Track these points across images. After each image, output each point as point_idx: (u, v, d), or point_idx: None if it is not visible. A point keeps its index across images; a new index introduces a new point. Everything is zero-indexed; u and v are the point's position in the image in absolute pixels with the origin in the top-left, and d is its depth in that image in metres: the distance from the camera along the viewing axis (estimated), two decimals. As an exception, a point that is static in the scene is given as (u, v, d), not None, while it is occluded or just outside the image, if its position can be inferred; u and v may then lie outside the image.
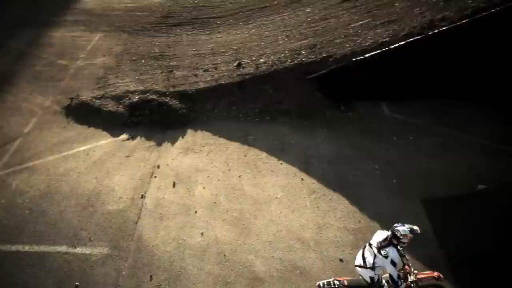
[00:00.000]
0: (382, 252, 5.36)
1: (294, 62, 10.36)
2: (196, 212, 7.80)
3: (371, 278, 5.58)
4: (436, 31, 9.34)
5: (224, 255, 7.01)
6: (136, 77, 11.48)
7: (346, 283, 5.82)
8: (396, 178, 8.29)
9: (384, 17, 10.69)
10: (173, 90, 10.65)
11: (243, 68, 10.86)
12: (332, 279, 5.90)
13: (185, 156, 9.13)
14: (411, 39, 9.39)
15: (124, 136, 9.80)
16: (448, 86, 9.79)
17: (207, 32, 13.63)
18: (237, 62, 11.10)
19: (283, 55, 10.78)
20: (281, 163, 8.72)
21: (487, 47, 9.20)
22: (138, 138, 9.73)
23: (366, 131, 9.39)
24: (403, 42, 9.40)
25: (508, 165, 8.34)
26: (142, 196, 8.15)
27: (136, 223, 7.65)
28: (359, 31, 10.56)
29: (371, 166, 8.57)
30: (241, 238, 7.29)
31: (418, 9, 10.35)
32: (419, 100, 9.96)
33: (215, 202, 7.96)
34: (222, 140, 9.46)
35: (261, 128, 9.68)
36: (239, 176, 8.50)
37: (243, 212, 7.75)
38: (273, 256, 6.96)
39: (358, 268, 5.75)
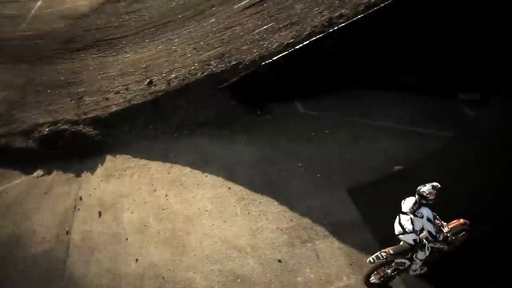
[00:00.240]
0: (418, 214, 5.87)
1: (205, 73, 10.40)
2: (127, 239, 7.56)
3: (414, 240, 5.98)
4: (335, 27, 9.85)
5: (163, 277, 6.86)
6: (44, 109, 10.90)
7: (392, 252, 6.13)
8: (320, 172, 8.57)
9: (287, 19, 11.05)
10: (85, 117, 10.25)
11: (155, 85, 10.72)
12: (378, 252, 6.15)
13: (108, 183, 8.82)
14: (314, 38, 9.81)
15: (39, 172, 9.27)
16: (353, 77, 10.36)
17: (114, 53, 13.27)
18: (148, 80, 10.93)
19: (193, 67, 10.78)
20: (206, 175, 8.69)
21: (382, 38, 9.85)
22: (55, 172, 9.24)
23: (285, 131, 9.64)
24: (307, 42, 9.80)
25: (418, 144, 8.90)
26: (68, 232, 7.76)
27: (65, 262, 7.26)
28: (265, 35, 10.82)
29: (295, 164, 8.80)
30: (177, 257, 7.17)
31: (317, 9, 10.81)
32: (330, 94, 10.39)
33: (145, 226, 7.77)
34: (143, 161, 9.25)
35: (181, 143, 9.61)
36: (166, 195, 8.37)
37: (175, 230, 7.63)
38: (212, 269, 6.92)
39: (400, 236, 6.12)
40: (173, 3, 15.67)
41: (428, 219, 5.84)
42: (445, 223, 6.21)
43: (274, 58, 9.84)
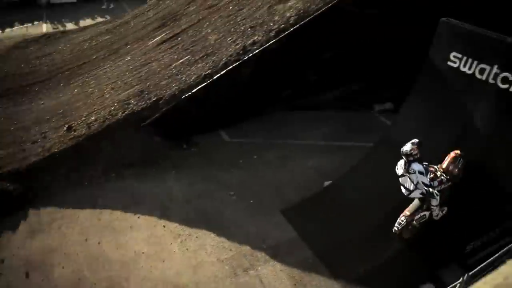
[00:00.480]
0: (410, 171, 6.44)
1: (126, 112, 10.25)
2: (60, 296, 7.17)
3: (421, 193, 6.50)
4: (250, 55, 10.18)
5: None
6: (-48, 168, 10.14)
7: (408, 213, 6.65)
8: (253, 197, 8.72)
9: (202, 51, 11.24)
10: (1, 172, 9.67)
11: (75, 130, 10.37)
12: (398, 218, 6.69)
13: (33, 240, 8.31)
14: (230, 67, 10.07)
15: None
16: (274, 101, 10.73)
17: (27, 102, 12.71)
18: (67, 125, 10.56)
19: (113, 108, 10.59)
20: (138, 217, 8.50)
21: (296, 61, 10.35)
22: (-30, 237, 8.57)
23: (213, 162, 9.72)
24: (224, 71, 10.02)
25: (343, 158, 9.34)
26: (-8, 303, 7.21)
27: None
28: (182, 69, 10.92)
29: (226, 193, 8.88)
30: (118, 307, 6.91)
31: (230, 38, 11.12)
32: (253, 120, 10.67)
33: (79, 279, 7.39)
34: (70, 211, 8.85)
35: (109, 187, 9.33)
36: (99, 243, 8.05)
37: (113, 279, 7.34)
38: (156, 314, 6.75)
39: (410, 196, 6.64)
40: (85, 44, 15.42)
41: (420, 172, 6.42)
42: (438, 166, 6.79)
43: (194, 91, 9.95)
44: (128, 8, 23.99)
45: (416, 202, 6.81)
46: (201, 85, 9.97)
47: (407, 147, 6.49)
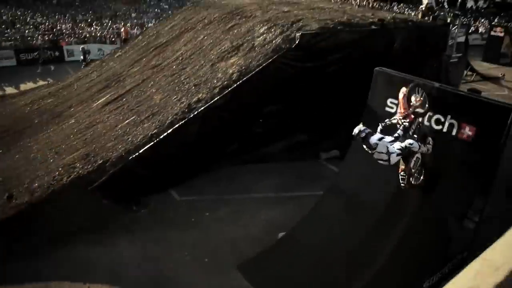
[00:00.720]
0: (374, 145, 6.45)
1: (71, 177, 9.96)
2: None
3: (398, 154, 6.52)
4: (195, 112, 10.32)
5: None
6: None
7: (403, 167, 6.92)
8: (207, 256, 8.57)
9: (147, 111, 11.28)
10: None
11: (16, 199, 9.91)
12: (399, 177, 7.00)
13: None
14: (177, 125, 10.14)
15: None
16: (222, 156, 10.84)
17: (-38, 172, 12.08)
18: (7, 194, 10.08)
19: (57, 173, 10.27)
20: (88, 286, 8.11)
21: (240, 116, 10.62)
22: None
23: (165, 223, 9.54)
24: (170, 130, 10.06)
25: (295, 208, 9.46)
26: None
27: None
28: (128, 129, 10.86)
29: (181, 253, 8.67)
30: None
31: (175, 97, 11.27)
32: (203, 176, 10.67)
33: None
34: (12, 286, 8.32)
35: (55, 257, 8.88)
36: (45, 319, 7.57)
37: None
38: None
39: (392, 163, 6.59)
40: (27, 108, 15.07)
41: (379, 139, 6.51)
42: (397, 115, 7.07)
43: (141, 151, 9.88)
44: (71, 71, 23.87)
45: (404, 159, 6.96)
46: (148, 145, 9.93)
47: (356, 129, 6.69)
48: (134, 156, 9.87)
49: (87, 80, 16.57)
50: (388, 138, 6.61)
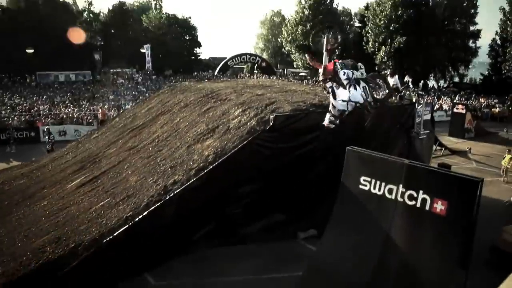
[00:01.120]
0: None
1: (41, 261, 9.58)
2: None
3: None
4: (171, 194, 10.31)
5: None
6: None
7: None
8: None
9: (123, 193, 11.21)
10: None
11: (-22, 288, 9.43)
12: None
13: None
14: (152, 207, 10.05)
15: None
16: (198, 238, 10.73)
17: None
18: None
19: (25, 258, 9.87)
20: None
21: (217, 196, 10.68)
22: None
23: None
24: (146, 212, 9.95)
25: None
26: None
27: None
28: (102, 212, 10.71)
29: None
30: None
31: (151, 179, 11.29)
32: (179, 259, 10.46)
33: None
34: None
35: None
36: None
37: None
38: None
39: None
40: (-4, 191, 14.78)
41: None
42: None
43: (115, 234, 9.68)
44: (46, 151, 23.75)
45: None
46: (123, 228, 9.75)
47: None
48: (108, 239, 9.63)
49: (62, 161, 16.50)
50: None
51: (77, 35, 55.70)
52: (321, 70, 8.88)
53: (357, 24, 70.19)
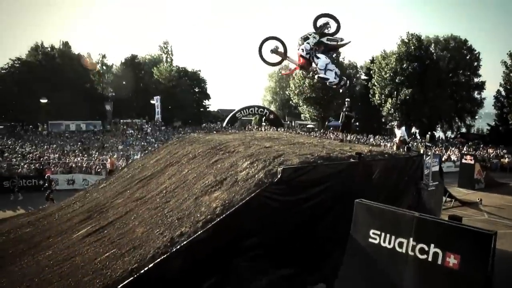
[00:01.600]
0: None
1: (42, 315, 9.41)
2: None
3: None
4: (178, 246, 10.18)
5: None
6: None
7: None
8: None
9: (129, 244, 11.10)
10: None
11: None
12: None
13: None
14: (158, 259, 9.91)
15: None
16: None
17: None
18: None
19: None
20: None
21: (224, 248, 10.54)
22: None
23: None
24: (152, 264, 9.80)
25: None
26: None
27: None
28: (107, 263, 10.57)
29: None
30: None
31: (157, 230, 11.20)
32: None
33: None
34: None
35: None
36: None
37: None
38: None
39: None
40: (2, 238, 14.74)
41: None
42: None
43: (119, 286, 9.50)
44: (54, 200, 23.85)
45: None
46: (128, 280, 9.58)
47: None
48: (112, 292, 9.47)
49: (69, 210, 16.49)
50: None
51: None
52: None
53: (363, 76, 71.60)
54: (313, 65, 9.47)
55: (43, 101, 55.55)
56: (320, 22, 9.83)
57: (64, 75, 60.11)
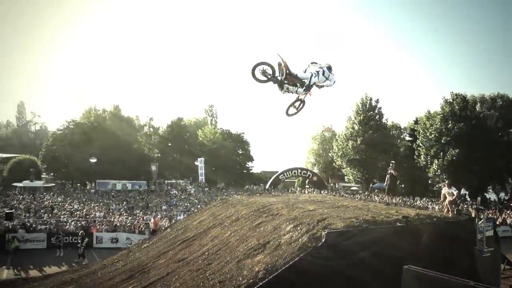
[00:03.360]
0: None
1: None
2: None
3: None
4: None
5: None
6: None
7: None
8: None
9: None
10: None
11: None
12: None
13: None
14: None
15: None
16: None
17: None
18: None
19: None
20: None
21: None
22: None
23: None
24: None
25: None
26: None
27: None
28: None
29: None
30: None
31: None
32: None
33: None
34: None
35: None
36: None
37: None
38: None
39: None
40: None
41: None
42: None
43: None
44: (97, 257, 24.21)
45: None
46: None
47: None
48: None
49: (112, 269, 16.59)
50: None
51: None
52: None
53: (407, 138, 70.49)
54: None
55: (93, 160, 57.87)
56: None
57: (113, 136, 62.89)
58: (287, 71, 10.81)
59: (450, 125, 54.91)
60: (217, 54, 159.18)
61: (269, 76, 10.91)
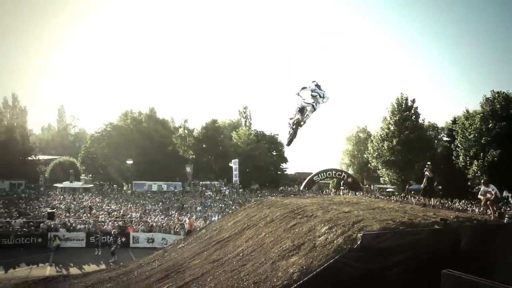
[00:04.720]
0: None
1: None
2: None
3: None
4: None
5: None
6: None
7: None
8: None
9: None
10: None
11: None
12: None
13: None
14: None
15: None
16: None
17: None
18: None
19: None
20: None
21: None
22: None
23: None
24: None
25: None
26: None
27: None
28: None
29: None
30: None
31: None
32: None
33: None
34: None
35: None
36: None
37: None
38: None
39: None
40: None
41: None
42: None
43: None
44: (134, 257, 24.70)
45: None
46: None
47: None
48: None
49: (148, 268, 16.89)
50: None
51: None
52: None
53: (445, 138, 68.58)
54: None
55: (129, 162, 59.17)
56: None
57: (149, 138, 64.15)
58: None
59: (490, 125, 52.99)
60: (252, 56, 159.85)
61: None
